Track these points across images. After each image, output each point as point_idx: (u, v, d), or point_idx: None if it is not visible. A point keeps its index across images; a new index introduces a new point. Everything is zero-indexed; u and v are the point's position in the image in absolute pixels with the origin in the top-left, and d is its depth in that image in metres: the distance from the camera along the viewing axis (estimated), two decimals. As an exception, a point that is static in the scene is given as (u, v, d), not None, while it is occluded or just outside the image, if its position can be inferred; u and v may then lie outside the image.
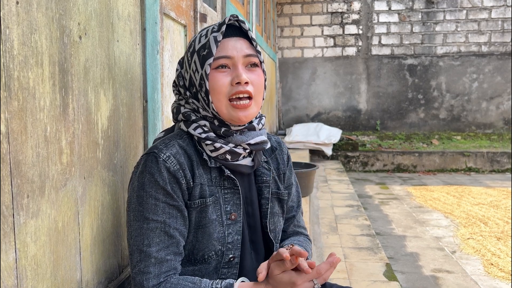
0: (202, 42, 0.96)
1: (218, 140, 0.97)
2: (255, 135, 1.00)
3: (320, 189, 4.65)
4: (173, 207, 0.92)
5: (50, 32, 0.81)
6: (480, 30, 7.11)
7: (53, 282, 0.84)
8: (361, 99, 7.44)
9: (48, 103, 0.81)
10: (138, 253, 0.90)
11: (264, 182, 1.07)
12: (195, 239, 0.96)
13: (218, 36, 0.94)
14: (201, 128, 0.97)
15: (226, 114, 0.96)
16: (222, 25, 0.94)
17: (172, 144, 0.95)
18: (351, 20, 7.35)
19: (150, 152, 0.94)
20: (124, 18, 1.16)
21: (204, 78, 0.94)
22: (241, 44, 0.96)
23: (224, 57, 0.94)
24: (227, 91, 0.95)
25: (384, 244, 3.28)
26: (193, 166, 0.96)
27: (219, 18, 2.59)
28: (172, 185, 0.92)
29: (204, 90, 0.95)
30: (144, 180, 0.91)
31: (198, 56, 0.96)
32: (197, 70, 0.96)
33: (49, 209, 0.82)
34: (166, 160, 0.92)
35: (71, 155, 0.90)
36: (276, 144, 1.15)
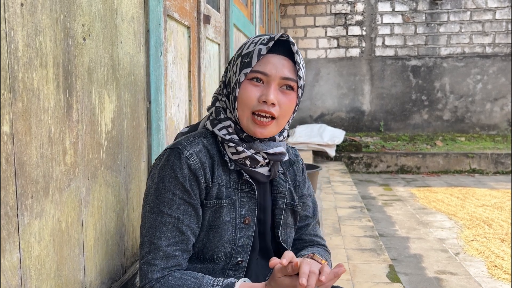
0: (248, 50, 0.97)
1: (241, 144, 0.98)
2: (275, 145, 1.01)
3: (323, 190, 4.65)
4: (189, 204, 0.94)
5: (54, 34, 0.82)
6: (484, 31, 7.08)
7: (56, 282, 0.84)
8: (364, 100, 7.42)
9: (52, 104, 0.82)
10: (148, 244, 0.92)
11: (280, 193, 1.08)
12: (206, 238, 0.98)
13: (263, 50, 0.94)
14: (225, 129, 0.99)
15: (245, 125, 0.97)
16: (271, 41, 0.94)
17: (196, 142, 0.97)
18: (355, 21, 7.34)
19: (174, 147, 0.95)
20: (128, 19, 1.17)
21: (237, 84, 0.96)
22: (283, 65, 0.95)
23: (261, 72, 0.94)
24: (252, 105, 0.95)
25: (387, 246, 3.27)
26: (214, 166, 0.97)
27: (223, 19, 2.59)
28: (191, 182, 0.93)
29: (234, 95, 0.97)
30: (164, 173, 0.93)
31: (241, 62, 0.97)
32: (235, 73, 0.98)
33: (53, 209, 0.83)
34: (189, 157, 0.93)
35: (75, 155, 0.90)
36: (293, 157, 1.16)
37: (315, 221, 1.20)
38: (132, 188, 1.22)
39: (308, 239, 1.16)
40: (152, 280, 0.90)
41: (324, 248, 1.18)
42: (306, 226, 1.17)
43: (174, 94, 1.65)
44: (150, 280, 0.90)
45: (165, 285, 0.90)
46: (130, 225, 1.21)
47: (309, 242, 1.16)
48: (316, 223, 1.20)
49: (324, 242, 1.19)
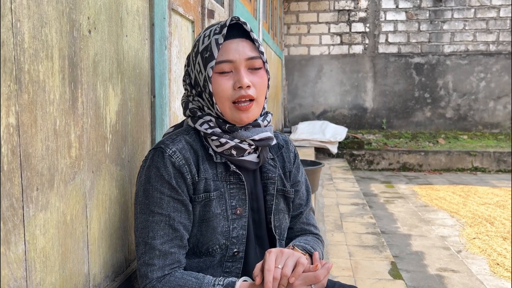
0: (205, 44, 0.97)
1: (224, 136, 0.98)
2: (260, 131, 1.01)
3: (325, 187, 4.65)
4: (177, 201, 0.94)
5: (60, 26, 0.81)
6: (488, 29, 7.05)
7: (61, 274, 0.84)
8: (367, 97, 7.41)
9: (58, 96, 0.82)
10: (143, 245, 0.92)
11: (270, 179, 1.07)
12: (199, 233, 0.98)
13: (220, 39, 0.94)
14: (207, 124, 0.99)
15: (229, 115, 0.98)
16: (224, 27, 0.94)
17: (178, 139, 0.97)
18: (358, 18, 7.31)
19: (157, 147, 0.96)
20: (133, 13, 1.16)
21: (207, 81, 0.96)
22: (243, 47, 0.96)
23: (226, 61, 0.95)
24: (230, 95, 0.96)
25: (389, 243, 3.27)
26: (199, 161, 0.97)
27: (227, 14, 2.58)
28: (177, 179, 0.94)
29: (208, 92, 0.97)
30: (150, 174, 0.94)
31: (202, 58, 0.97)
32: (200, 71, 0.98)
33: (57, 202, 0.82)
34: (172, 155, 0.94)
35: (80, 148, 0.90)
36: (283, 142, 1.15)
37: (309, 209, 1.19)
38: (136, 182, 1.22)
39: (300, 228, 1.15)
40: (152, 279, 0.91)
41: (316, 236, 1.16)
42: (300, 215, 1.16)
43: (178, 89, 1.65)
44: (150, 280, 0.91)
45: (166, 285, 0.90)
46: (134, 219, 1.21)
47: (301, 231, 1.16)
48: (309, 210, 1.19)
49: (317, 230, 1.18)
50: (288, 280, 0.86)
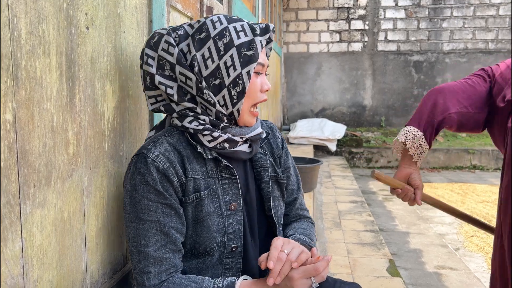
0: (242, 39, 0.95)
1: (216, 130, 0.97)
2: (253, 129, 1.03)
3: (324, 184, 4.65)
4: (166, 205, 0.92)
5: (57, 22, 0.81)
6: (487, 27, 7.05)
7: (58, 271, 0.84)
8: (366, 95, 7.41)
9: (55, 93, 0.81)
10: (137, 253, 0.91)
11: (262, 166, 1.08)
12: (195, 234, 0.97)
13: (263, 41, 0.97)
14: (196, 121, 0.97)
15: (241, 118, 0.99)
16: (267, 32, 0.98)
17: (160, 142, 0.95)
18: (357, 16, 7.30)
19: (139, 153, 0.93)
20: (131, 9, 1.16)
21: (244, 79, 0.95)
22: (265, 53, 1.01)
23: (261, 64, 0.98)
24: (256, 97, 0.99)
25: (387, 240, 3.28)
26: (184, 162, 0.95)
27: (226, 11, 2.57)
28: (163, 183, 0.92)
29: (239, 90, 0.95)
30: (135, 181, 0.92)
31: (238, 53, 0.94)
32: (233, 66, 0.94)
33: (55, 199, 0.82)
34: (155, 159, 0.91)
35: (78, 145, 0.90)
36: (268, 129, 1.16)
37: (301, 193, 1.22)
38: (134, 179, 1.22)
39: (295, 214, 1.18)
40: (150, 287, 0.90)
41: (309, 221, 1.21)
42: (294, 201, 1.19)
43: (176, 86, 1.64)
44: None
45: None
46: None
47: (296, 217, 1.19)
48: (301, 194, 1.22)
49: (309, 214, 1.23)
50: (291, 266, 0.87)
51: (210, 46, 0.95)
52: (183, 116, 0.97)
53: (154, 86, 0.98)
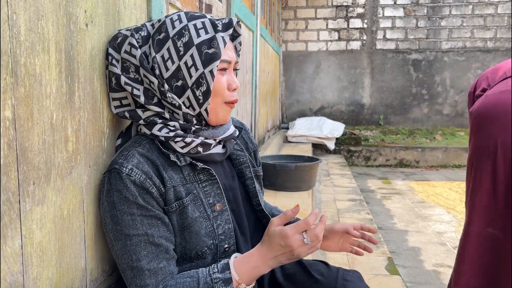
0: (203, 37, 0.92)
1: (188, 136, 0.95)
2: (226, 129, 1.02)
3: (322, 182, 4.65)
4: (150, 217, 0.89)
5: (56, 19, 0.81)
6: (486, 26, 7.06)
7: (58, 269, 0.84)
8: (364, 93, 7.41)
9: (55, 90, 0.81)
10: (130, 270, 0.89)
11: (243, 163, 1.08)
12: (183, 241, 0.95)
13: (226, 38, 0.92)
14: (166, 128, 0.94)
15: (213, 115, 0.96)
16: (230, 27, 0.93)
17: (131, 155, 0.91)
18: (356, 14, 7.30)
19: (111, 169, 0.90)
20: (130, 6, 1.15)
21: (207, 78, 0.92)
22: (232, 49, 0.98)
23: (226, 61, 0.95)
24: (224, 95, 0.96)
25: (386, 238, 3.28)
26: (160, 171, 0.92)
27: (225, 9, 2.57)
28: (143, 196, 0.89)
29: (203, 90, 0.92)
30: (113, 198, 0.88)
31: (199, 52, 0.91)
32: (194, 66, 0.91)
33: (54, 196, 0.82)
34: (130, 173, 0.88)
35: (77, 142, 0.90)
36: (239, 124, 1.17)
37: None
38: (133, 177, 1.22)
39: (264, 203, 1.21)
40: None
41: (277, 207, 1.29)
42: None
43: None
44: None
45: None
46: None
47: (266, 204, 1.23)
48: None
49: None
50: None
51: (169, 47, 0.92)
52: (151, 124, 0.95)
53: (119, 87, 0.97)
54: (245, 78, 3.47)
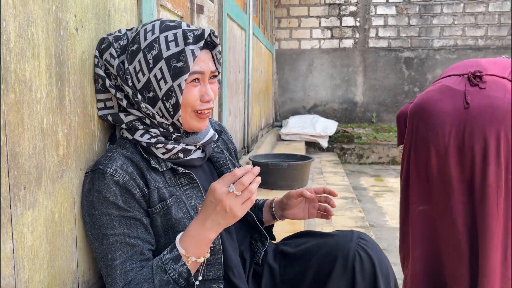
0: (172, 50, 0.92)
1: (169, 142, 0.97)
2: (205, 133, 1.04)
3: (315, 180, 4.68)
4: (128, 218, 0.92)
5: (46, 25, 0.81)
6: (477, 24, 7.11)
7: (49, 272, 0.85)
8: (357, 91, 7.44)
9: (45, 95, 0.82)
10: (105, 268, 0.92)
11: (223, 165, 1.12)
12: (168, 241, 0.96)
13: (196, 50, 0.92)
14: (148, 134, 0.96)
15: (186, 124, 0.97)
16: (201, 40, 0.93)
17: (116, 156, 0.93)
18: (349, 12, 7.32)
19: (95, 169, 0.92)
20: (121, 10, 1.16)
21: (176, 91, 0.92)
22: (208, 59, 0.97)
23: (198, 72, 0.94)
24: (195, 105, 0.96)
25: (378, 236, 3.31)
26: (143, 173, 0.95)
27: (216, 9, 2.58)
28: (124, 197, 0.91)
29: (173, 103, 0.94)
30: (92, 198, 0.91)
31: (168, 66, 0.92)
32: (163, 79, 0.92)
33: (45, 200, 0.83)
34: (114, 173, 0.90)
35: (68, 146, 0.91)
36: (218, 127, 1.19)
37: None
38: (124, 179, 1.23)
39: None
40: None
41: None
42: None
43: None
44: None
45: None
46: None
47: None
48: None
49: None
50: None
51: (140, 59, 0.94)
52: (133, 129, 0.97)
53: (105, 88, 0.99)
54: (237, 77, 3.48)
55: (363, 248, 1.06)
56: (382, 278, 1.04)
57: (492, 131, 1.38)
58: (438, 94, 1.49)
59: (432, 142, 1.46)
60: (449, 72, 1.59)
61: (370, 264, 1.04)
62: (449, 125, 1.43)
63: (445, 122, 1.43)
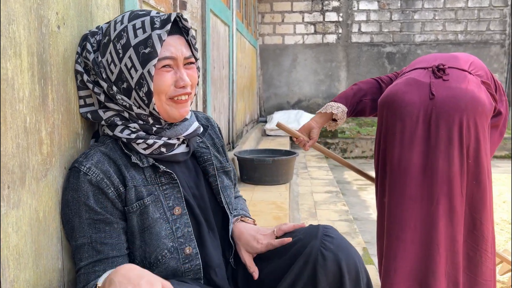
0: (140, 37, 0.91)
1: (150, 137, 0.96)
2: (188, 125, 1.02)
3: (300, 175, 4.71)
4: (98, 221, 0.91)
5: (28, 23, 0.81)
6: (457, 19, 7.23)
7: (35, 271, 0.85)
8: (341, 86, 7.50)
9: (27, 94, 0.81)
10: (74, 265, 0.94)
11: (207, 161, 1.10)
12: (143, 243, 0.95)
13: (163, 34, 0.90)
14: (128, 130, 0.96)
15: (166, 112, 0.96)
16: (167, 23, 0.91)
17: (92, 154, 0.93)
18: (332, 7, 7.36)
19: (72, 167, 0.92)
20: (103, 6, 1.15)
21: (147, 78, 0.92)
22: (181, 44, 0.95)
23: (168, 58, 0.93)
24: (170, 92, 0.95)
25: (361, 229, 3.36)
26: (121, 170, 0.94)
27: (199, 5, 2.57)
28: (96, 196, 0.90)
29: (145, 91, 0.93)
30: (67, 197, 0.91)
31: (137, 53, 0.91)
32: (133, 67, 0.92)
33: (30, 199, 0.83)
34: (87, 172, 0.90)
35: (51, 145, 0.90)
36: (205, 121, 1.17)
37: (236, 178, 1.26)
38: (109, 176, 1.22)
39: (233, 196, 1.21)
40: None
41: (242, 198, 1.31)
42: (234, 186, 1.24)
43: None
44: None
45: None
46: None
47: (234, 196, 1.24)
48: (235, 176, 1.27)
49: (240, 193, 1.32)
50: None
51: (111, 50, 0.94)
52: (113, 125, 0.96)
53: (84, 85, 0.98)
54: (221, 73, 3.47)
55: (328, 247, 0.99)
56: (349, 277, 0.98)
57: (455, 119, 1.47)
58: (406, 87, 1.58)
59: (399, 132, 1.55)
60: (414, 65, 1.69)
61: (335, 264, 0.98)
62: (416, 115, 1.52)
63: (412, 112, 1.52)
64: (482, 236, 1.52)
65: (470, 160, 1.49)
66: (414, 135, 1.52)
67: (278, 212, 2.53)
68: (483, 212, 1.51)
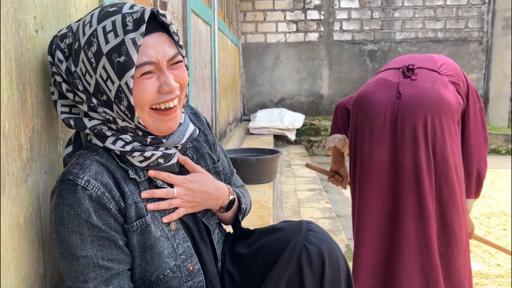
0: (112, 43, 0.78)
1: (147, 149, 0.87)
2: (184, 130, 0.93)
3: (284, 174, 4.74)
4: (102, 238, 0.82)
5: (5, 28, 0.80)
6: (436, 17, 7.34)
7: (16, 277, 0.84)
8: (323, 84, 7.56)
9: (6, 99, 0.80)
10: (57, 272, 0.86)
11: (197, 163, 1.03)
12: (144, 262, 0.89)
13: (138, 39, 0.77)
14: (121, 141, 0.85)
15: (153, 125, 0.85)
16: (141, 24, 0.78)
17: (88, 164, 0.82)
18: (313, 6, 7.40)
19: (65, 179, 0.81)
20: (82, 9, 1.15)
21: (125, 91, 0.80)
22: (162, 43, 0.82)
23: (148, 63, 0.80)
24: (153, 100, 0.83)
25: (344, 226, 3.41)
26: (120, 184, 0.85)
27: (180, 5, 2.56)
28: (98, 213, 0.81)
29: (126, 105, 0.81)
30: (62, 213, 0.80)
31: (110, 62, 0.79)
32: (109, 78, 0.80)
33: (10, 205, 0.82)
34: (86, 186, 0.80)
35: (31, 150, 0.90)
36: (194, 118, 1.08)
37: (234, 176, 1.19)
38: (91, 180, 1.22)
39: None
40: None
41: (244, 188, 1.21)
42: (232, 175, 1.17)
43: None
44: None
45: None
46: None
47: None
48: (235, 177, 1.19)
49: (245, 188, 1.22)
50: None
51: (83, 59, 0.82)
52: (102, 136, 0.86)
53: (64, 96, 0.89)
54: (204, 72, 3.47)
55: (311, 241, 0.98)
56: (331, 270, 0.97)
57: (420, 118, 1.53)
58: (375, 86, 1.65)
59: (368, 130, 1.61)
60: (388, 66, 1.76)
61: (319, 257, 0.96)
62: (384, 113, 1.58)
63: (380, 111, 1.58)
64: (453, 233, 1.56)
65: (438, 157, 1.54)
66: (382, 133, 1.58)
67: (262, 211, 2.54)
68: (452, 209, 1.55)
